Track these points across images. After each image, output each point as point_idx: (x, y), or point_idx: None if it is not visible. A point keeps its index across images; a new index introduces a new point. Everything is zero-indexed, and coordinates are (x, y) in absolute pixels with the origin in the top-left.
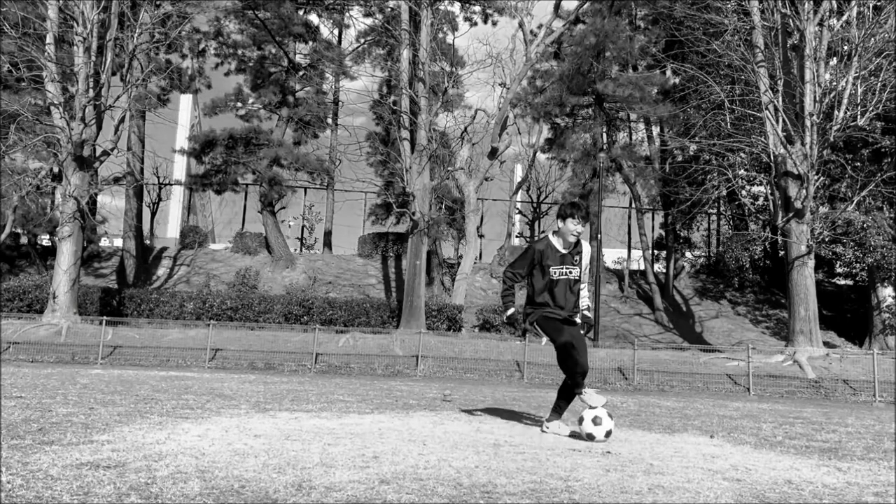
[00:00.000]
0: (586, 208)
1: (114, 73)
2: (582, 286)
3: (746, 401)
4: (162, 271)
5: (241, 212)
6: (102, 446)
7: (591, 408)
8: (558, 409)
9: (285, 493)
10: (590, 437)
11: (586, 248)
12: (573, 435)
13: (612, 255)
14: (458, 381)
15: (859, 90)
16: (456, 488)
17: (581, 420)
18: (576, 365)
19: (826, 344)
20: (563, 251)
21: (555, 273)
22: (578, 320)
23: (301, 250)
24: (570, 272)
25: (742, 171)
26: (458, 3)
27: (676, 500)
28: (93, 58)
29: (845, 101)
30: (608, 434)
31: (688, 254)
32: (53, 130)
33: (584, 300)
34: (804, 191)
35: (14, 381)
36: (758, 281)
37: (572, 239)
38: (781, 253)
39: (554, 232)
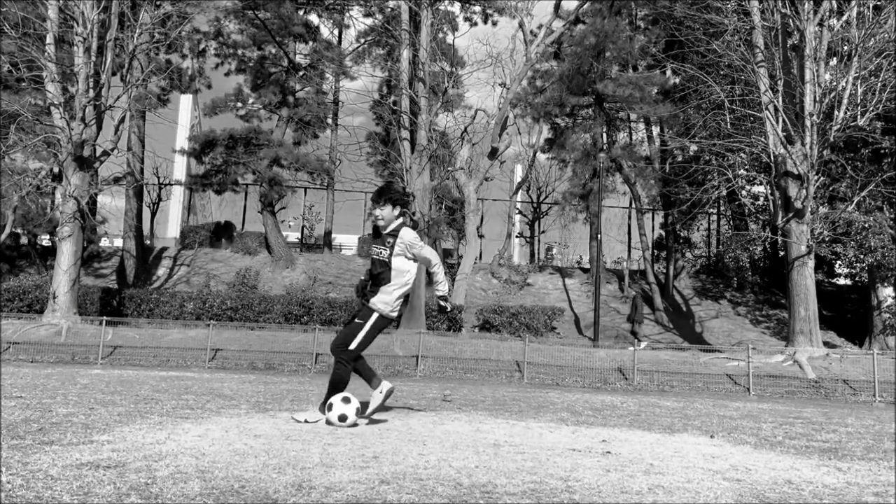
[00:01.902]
0: (380, 191)
1: (114, 74)
2: (433, 269)
3: (746, 401)
4: (162, 271)
5: (241, 212)
6: (102, 446)
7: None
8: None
9: (285, 493)
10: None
11: (407, 236)
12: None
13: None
14: (459, 381)
15: (859, 90)
16: (456, 488)
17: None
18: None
19: (826, 344)
20: (381, 233)
21: (371, 251)
22: (371, 306)
23: (301, 250)
24: (380, 253)
25: (742, 171)
26: (458, 3)
27: (676, 500)
28: (93, 58)
29: (845, 101)
30: (341, 418)
31: (688, 254)
32: (53, 130)
33: (440, 284)
34: (804, 191)
35: (14, 381)
36: (758, 281)
37: (381, 223)
38: (781, 253)
39: None
